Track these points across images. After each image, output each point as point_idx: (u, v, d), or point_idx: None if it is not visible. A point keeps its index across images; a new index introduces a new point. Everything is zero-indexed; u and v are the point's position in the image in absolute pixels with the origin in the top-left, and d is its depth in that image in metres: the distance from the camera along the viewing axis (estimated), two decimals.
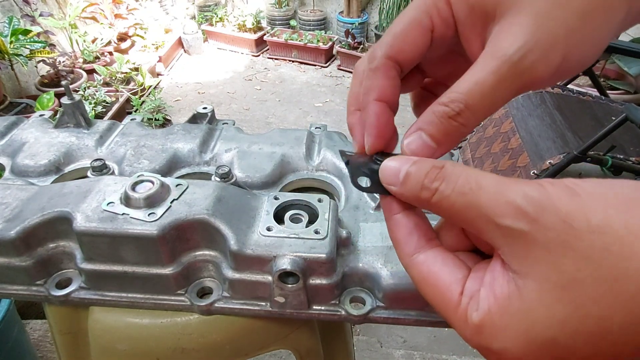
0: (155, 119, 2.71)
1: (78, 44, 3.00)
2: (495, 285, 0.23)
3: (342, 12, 3.78)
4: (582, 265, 0.19)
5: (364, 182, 0.29)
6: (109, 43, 3.11)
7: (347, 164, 0.30)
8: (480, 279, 0.24)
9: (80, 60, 2.94)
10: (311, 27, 3.87)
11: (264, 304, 0.48)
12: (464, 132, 0.26)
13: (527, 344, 0.21)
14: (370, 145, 0.29)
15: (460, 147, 2.06)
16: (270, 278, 0.46)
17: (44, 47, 2.42)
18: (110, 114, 2.49)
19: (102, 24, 3.13)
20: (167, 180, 0.49)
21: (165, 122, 2.77)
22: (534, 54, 0.24)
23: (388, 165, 0.27)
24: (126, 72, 2.85)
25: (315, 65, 3.69)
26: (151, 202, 0.46)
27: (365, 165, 0.29)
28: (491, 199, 0.22)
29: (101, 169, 0.57)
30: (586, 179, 0.21)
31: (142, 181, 0.48)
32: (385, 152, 0.30)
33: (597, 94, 2.04)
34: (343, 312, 0.47)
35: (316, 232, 0.46)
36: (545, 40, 0.24)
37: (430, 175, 0.24)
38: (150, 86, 2.93)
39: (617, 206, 0.19)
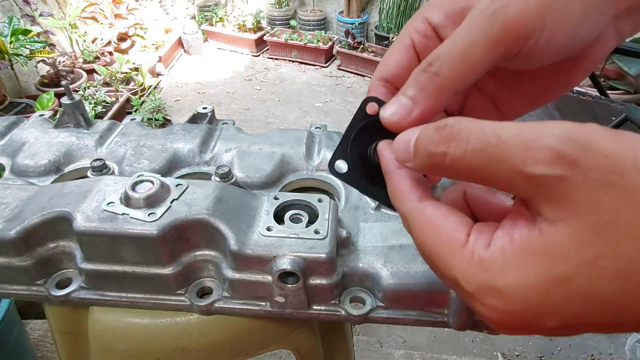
0: (155, 119, 2.71)
1: (78, 44, 3.00)
2: (515, 229, 0.21)
3: (342, 12, 3.78)
4: (624, 204, 0.18)
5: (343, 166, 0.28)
6: (109, 43, 3.11)
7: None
8: (492, 225, 0.23)
9: (80, 60, 2.94)
10: (311, 27, 3.87)
11: (264, 303, 0.48)
12: (440, 84, 0.25)
13: (539, 281, 0.19)
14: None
15: None
16: (270, 278, 0.46)
17: (44, 47, 2.42)
18: (110, 114, 2.49)
19: (102, 24, 3.13)
20: (167, 180, 0.49)
21: (165, 122, 2.77)
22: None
23: (399, 140, 0.25)
24: (126, 72, 2.85)
25: (315, 65, 3.69)
26: (151, 202, 0.46)
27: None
28: (519, 148, 0.20)
29: (101, 169, 0.57)
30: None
31: (142, 181, 0.48)
32: None
33: (597, 94, 2.04)
34: (343, 312, 0.47)
35: (316, 232, 0.46)
36: None
37: (434, 139, 0.22)
38: (150, 86, 2.93)
39: None
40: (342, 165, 0.29)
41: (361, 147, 0.29)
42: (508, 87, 0.31)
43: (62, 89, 0.63)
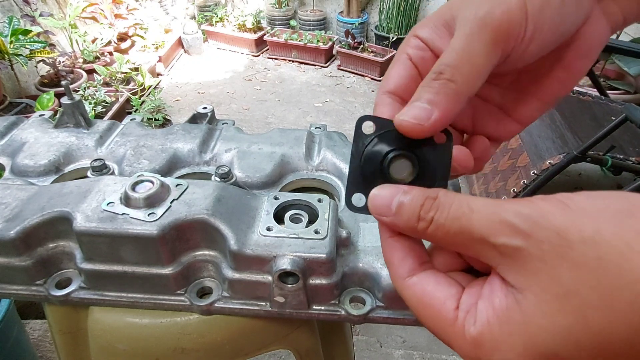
0: (155, 119, 2.71)
1: (78, 44, 3.00)
2: (494, 297, 0.23)
3: (342, 12, 3.78)
4: (579, 275, 0.20)
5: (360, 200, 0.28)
6: (109, 43, 3.11)
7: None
8: (476, 293, 0.24)
9: (80, 60, 2.93)
10: (311, 27, 3.87)
11: (263, 303, 0.48)
12: (455, 89, 0.26)
13: (529, 355, 0.21)
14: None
15: None
16: (270, 278, 0.46)
17: (44, 47, 2.42)
18: (110, 114, 2.49)
19: (102, 24, 3.13)
20: (167, 180, 0.49)
21: (165, 122, 2.76)
22: (486, 6, 0.25)
23: (377, 195, 0.27)
24: (126, 72, 2.85)
25: (315, 65, 3.68)
26: (151, 202, 0.46)
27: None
28: (484, 220, 0.22)
29: (101, 169, 0.57)
30: (579, 192, 0.22)
31: (142, 181, 0.48)
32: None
33: (597, 94, 2.04)
34: (343, 312, 0.47)
35: (316, 232, 0.46)
36: None
37: (426, 206, 0.25)
38: (150, 86, 2.93)
39: (607, 217, 0.20)
40: (359, 199, 0.28)
41: (372, 171, 0.28)
42: (513, 92, 0.32)
43: (62, 89, 0.63)
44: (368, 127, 0.29)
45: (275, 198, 0.50)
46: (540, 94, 0.31)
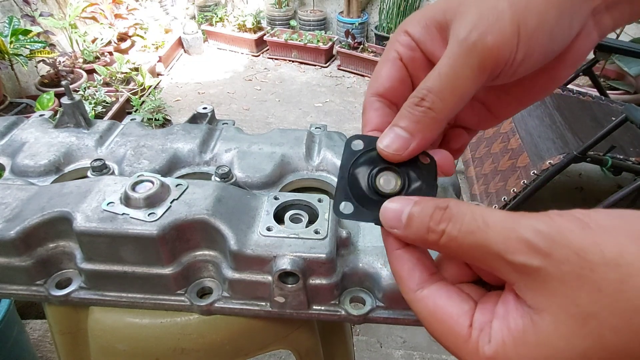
0: (155, 119, 2.71)
1: (78, 44, 3.00)
2: (509, 318, 0.23)
3: (342, 12, 3.78)
4: (599, 297, 0.19)
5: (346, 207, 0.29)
6: (109, 43, 3.11)
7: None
8: (489, 310, 0.24)
9: (80, 60, 2.93)
10: (311, 27, 3.87)
11: (263, 304, 0.48)
12: (434, 117, 0.26)
13: None
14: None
15: None
16: (270, 278, 0.46)
17: (44, 47, 2.42)
18: (110, 114, 2.49)
19: (102, 24, 3.13)
20: (167, 180, 0.49)
21: (165, 122, 2.76)
22: (480, 27, 0.25)
23: (388, 207, 0.27)
24: (126, 72, 2.85)
25: (315, 65, 3.68)
26: (151, 202, 0.46)
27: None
28: (500, 236, 0.22)
29: (101, 169, 0.57)
30: (596, 210, 0.21)
31: (142, 181, 0.48)
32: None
33: (597, 94, 2.04)
34: (343, 312, 0.47)
35: (316, 232, 0.46)
36: (490, 14, 0.25)
37: (435, 217, 0.24)
38: (150, 86, 2.93)
39: (630, 238, 0.19)
40: (347, 207, 0.29)
41: (359, 183, 0.29)
42: (496, 92, 0.32)
43: (62, 89, 0.63)
44: (357, 144, 0.30)
45: (275, 198, 0.50)
46: (522, 97, 0.31)
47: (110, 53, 3.05)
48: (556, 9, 0.25)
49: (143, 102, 2.76)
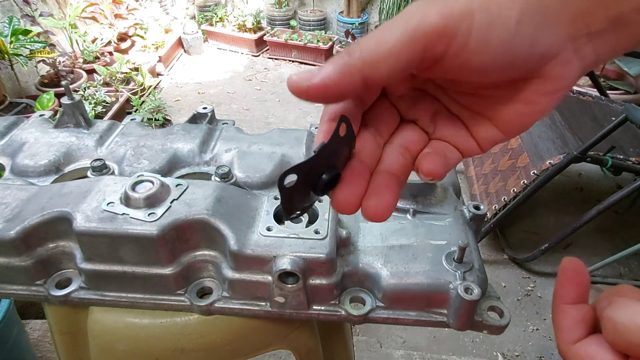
0: (155, 119, 2.70)
1: (78, 44, 3.00)
2: None
3: (342, 12, 3.78)
4: None
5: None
6: (109, 43, 3.11)
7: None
8: None
9: (80, 60, 2.93)
10: (311, 27, 3.87)
11: (263, 304, 0.48)
12: (348, 62, 0.25)
13: None
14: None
15: None
16: (270, 278, 0.46)
17: (44, 47, 2.42)
18: (110, 114, 2.49)
19: (102, 24, 3.13)
20: (167, 180, 0.49)
21: (165, 122, 2.76)
22: (438, 6, 0.24)
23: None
24: (126, 72, 2.85)
25: (315, 65, 3.68)
26: (151, 202, 0.46)
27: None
28: None
29: (101, 169, 0.57)
30: None
31: (142, 181, 0.48)
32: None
33: (597, 94, 2.04)
34: (343, 312, 0.47)
35: (316, 232, 0.46)
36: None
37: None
38: (150, 86, 2.93)
39: None
40: (289, 181, 0.27)
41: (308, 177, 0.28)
42: (469, 110, 0.31)
43: (62, 89, 0.63)
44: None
45: (276, 198, 0.50)
46: (497, 121, 0.30)
47: (110, 53, 3.05)
48: (517, 11, 0.24)
49: (143, 102, 2.76)
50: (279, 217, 0.26)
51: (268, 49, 3.82)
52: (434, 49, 0.24)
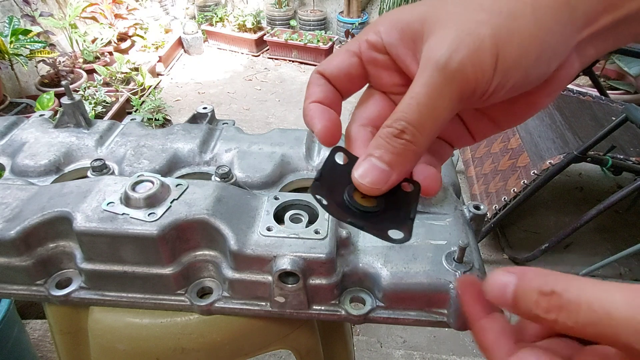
0: (155, 119, 2.71)
1: (78, 44, 3.00)
2: None
3: (342, 12, 3.78)
4: None
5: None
6: (109, 43, 3.11)
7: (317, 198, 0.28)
8: None
9: (80, 60, 2.93)
10: (311, 27, 3.87)
11: (264, 304, 0.48)
12: (415, 150, 0.26)
13: None
14: (319, 131, 0.29)
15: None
16: (270, 278, 0.46)
17: (44, 47, 2.42)
18: (110, 114, 2.49)
19: (102, 24, 3.13)
20: (167, 180, 0.49)
21: (165, 122, 2.76)
22: (459, 54, 0.24)
23: (492, 282, 0.25)
24: (126, 72, 2.85)
25: (315, 65, 3.68)
26: (151, 202, 0.46)
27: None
28: (630, 328, 0.20)
29: (101, 169, 0.57)
30: None
31: (142, 181, 0.48)
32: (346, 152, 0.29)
33: (597, 94, 2.04)
34: (343, 312, 0.47)
35: (316, 232, 0.46)
36: (470, 40, 0.24)
37: (542, 305, 0.23)
38: (150, 86, 2.93)
39: None
40: (321, 199, 0.28)
41: (335, 190, 0.29)
42: (473, 113, 0.32)
43: (62, 89, 0.63)
44: (339, 156, 0.30)
45: (276, 198, 0.50)
46: (498, 119, 0.31)
47: (110, 53, 3.05)
48: (538, 47, 0.24)
49: (143, 102, 2.76)
50: (409, 232, 0.27)
51: (268, 49, 3.82)
52: (470, 104, 0.26)
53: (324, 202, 0.28)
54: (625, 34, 0.27)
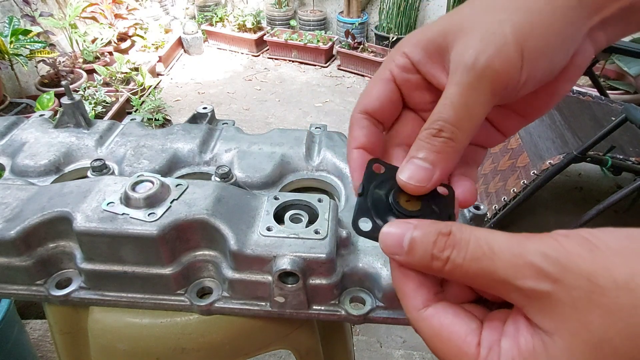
0: (155, 119, 2.71)
1: (78, 44, 3.00)
2: (519, 337, 0.22)
3: (342, 12, 3.78)
4: (611, 322, 0.19)
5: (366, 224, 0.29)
6: (109, 43, 3.11)
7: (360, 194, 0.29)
8: (497, 329, 0.24)
9: (80, 60, 2.93)
10: (311, 27, 3.87)
11: (263, 303, 0.48)
12: (455, 147, 0.27)
13: None
14: (355, 186, 0.30)
15: None
16: (270, 278, 0.46)
17: (44, 47, 2.42)
18: (110, 114, 2.49)
19: (102, 24, 3.13)
20: (167, 180, 0.49)
21: (165, 122, 2.76)
22: (486, 53, 0.25)
23: (388, 232, 0.26)
24: (126, 72, 2.85)
25: (315, 65, 3.68)
26: (151, 202, 0.46)
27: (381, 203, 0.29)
28: (507, 262, 0.22)
29: (101, 169, 0.57)
30: (603, 230, 0.21)
31: (142, 181, 0.48)
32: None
33: (597, 94, 2.04)
34: (343, 312, 0.47)
35: (316, 232, 0.46)
36: (494, 39, 0.25)
37: (439, 244, 0.24)
38: (150, 86, 2.93)
39: None
40: (365, 224, 0.29)
41: (379, 203, 0.29)
42: (500, 110, 0.33)
43: (62, 89, 0.63)
44: (377, 168, 0.30)
45: (275, 198, 0.50)
46: (525, 113, 0.32)
47: (110, 53, 3.05)
48: (557, 35, 0.26)
49: (143, 102, 2.76)
50: None
51: (268, 49, 3.82)
52: (503, 99, 0.27)
53: (368, 228, 0.28)
54: (633, 22, 0.29)
